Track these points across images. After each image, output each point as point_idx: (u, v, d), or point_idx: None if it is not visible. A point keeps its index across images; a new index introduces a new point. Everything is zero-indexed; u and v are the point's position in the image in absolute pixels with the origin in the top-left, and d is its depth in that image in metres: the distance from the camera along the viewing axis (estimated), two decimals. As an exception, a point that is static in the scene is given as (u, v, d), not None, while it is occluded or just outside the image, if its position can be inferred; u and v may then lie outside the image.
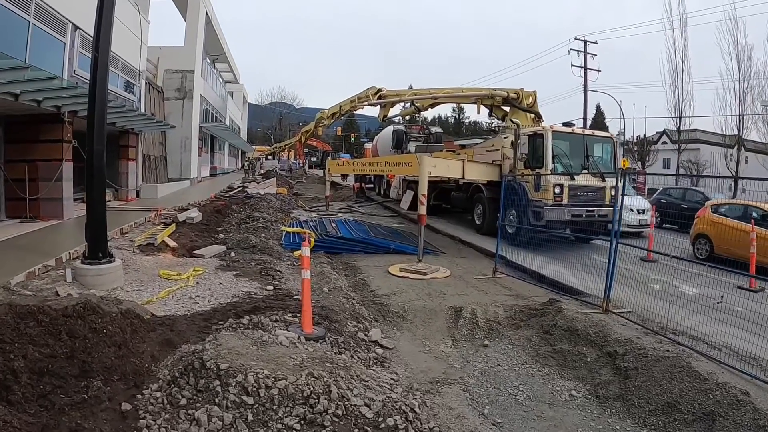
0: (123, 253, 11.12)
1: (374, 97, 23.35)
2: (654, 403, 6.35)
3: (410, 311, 9.48)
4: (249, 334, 5.96)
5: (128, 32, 22.04)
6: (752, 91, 42.67)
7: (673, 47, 47.23)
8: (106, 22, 8.96)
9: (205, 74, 38.38)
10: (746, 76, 42.77)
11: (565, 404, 6.76)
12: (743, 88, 42.63)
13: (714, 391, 6.07)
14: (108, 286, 8.84)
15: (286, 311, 7.77)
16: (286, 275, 10.97)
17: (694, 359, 6.83)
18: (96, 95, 9.00)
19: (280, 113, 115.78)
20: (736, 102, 42.90)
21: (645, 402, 6.43)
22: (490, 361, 7.92)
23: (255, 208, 20.22)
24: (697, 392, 6.16)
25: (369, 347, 7.57)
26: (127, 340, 5.69)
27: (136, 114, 19.81)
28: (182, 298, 8.72)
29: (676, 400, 6.20)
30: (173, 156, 32.39)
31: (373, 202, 30.75)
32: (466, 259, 14.76)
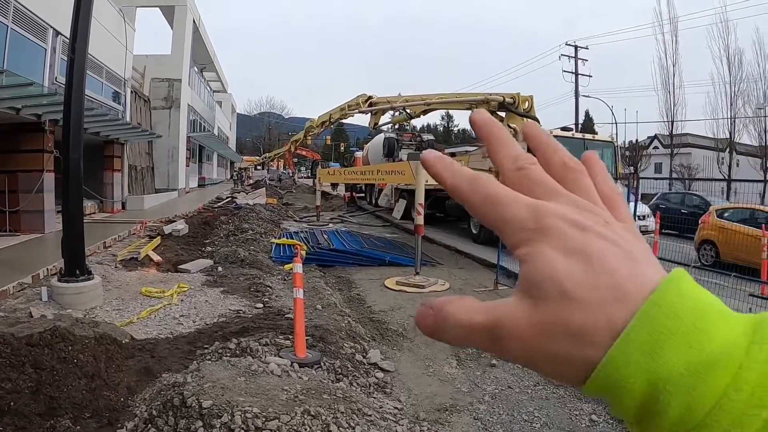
0: (105, 269, 10.55)
1: (365, 104, 22.89)
2: None
3: (410, 329, 8.85)
4: (236, 363, 5.33)
5: (113, 40, 21.58)
6: (743, 95, 42.77)
7: (664, 51, 47.29)
8: (83, 20, 8.38)
9: (192, 83, 37.95)
10: (737, 80, 42.90)
11: (586, 430, 6.23)
12: (734, 92, 42.75)
13: None
14: (86, 305, 8.26)
15: (277, 332, 7.17)
16: (276, 291, 10.38)
17: None
18: (72, 99, 8.40)
19: (269, 123, 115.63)
20: (727, 105, 43.07)
21: None
22: (500, 383, 7.34)
23: (244, 219, 19.71)
24: None
25: (368, 371, 6.96)
26: (100, 370, 5.12)
27: (121, 123, 19.33)
28: (165, 318, 8.15)
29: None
30: (160, 166, 31.87)
31: (364, 212, 30.36)
32: (464, 270, 14.24)
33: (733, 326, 0.42)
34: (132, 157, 25.65)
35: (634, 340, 0.42)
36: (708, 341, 0.41)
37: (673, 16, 47.83)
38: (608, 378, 0.43)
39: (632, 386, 0.42)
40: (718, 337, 0.41)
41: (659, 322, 0.42)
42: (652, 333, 0.42)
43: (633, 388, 0.42)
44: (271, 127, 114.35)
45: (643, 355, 0.42)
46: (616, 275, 0.45)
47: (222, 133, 62.23)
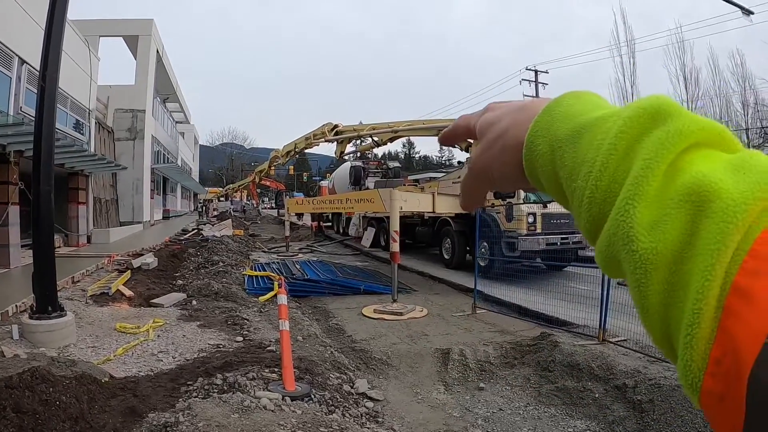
0: (75, 305, 10.21)
1: (330, 133, 22.86)
2: None
3: (394, 356, 8.79)
4: (227, 399, 5.14)
5: (78, 69, 21.24)
6: (701, 111, 43.72)
7: (622, 73, 47.97)
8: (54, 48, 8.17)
9: (156, 114, 37.59)
10: (694, 97, 43.83)
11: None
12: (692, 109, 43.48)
13: None
14: (59, 343, 7.93)
15: (261, 366, 6.97)
16: (254, 323, 10.14)
17: None
18: (43, 129, 8.09)
19: (231, 154, 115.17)
20: (687, 123, 43.99)
21: None
22: (491, 406, 7.30)
23: (213, 251, 19.43)
24: None
25: (357, 401, 6.82)
26: (84, 412, 4.89)
27: (86, 154, 18.84)
28: (143, 354, 7.86)
29: (700, 431, 5.77)
30: (125, 199, 31.27)
31: (332, 241, 30.31)
32: (439, 295, 14.21)
33: (606, 109, 0.60)
34: (96, 190, 25.15)
35: (539, 122, 0.64)
36: (584, 117, 0.59)
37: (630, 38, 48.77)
38: (529, 147, 0.64)
39: (541, 149, 0.62)
40: (590, 115, 0.59)
41: (554, 111, 0.63)
42: (549, 116, 0.63)
43: (542, 150, 0.62)
44: (234, 157, 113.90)
45: (544, 130, 0.62)
46: (522, 104, 0.72)
47: (186, 164, 61.65)
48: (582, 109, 0.61)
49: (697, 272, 0.43)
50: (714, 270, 0.42)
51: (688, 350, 0.43)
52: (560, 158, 0.59)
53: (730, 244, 0.43)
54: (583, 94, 0.64)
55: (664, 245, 0.46)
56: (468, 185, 0.80)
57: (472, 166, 0.76)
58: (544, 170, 0.62)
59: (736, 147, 0.52)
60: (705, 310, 0.42)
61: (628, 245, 0.48)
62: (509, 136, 0.68)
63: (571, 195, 0.58)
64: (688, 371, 0.44)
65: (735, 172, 0.46)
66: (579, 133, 0.58)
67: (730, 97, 42.40)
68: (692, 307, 0.43)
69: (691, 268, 0.44)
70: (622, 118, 0.53)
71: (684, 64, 44.87)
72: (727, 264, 0.43)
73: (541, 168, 0.63)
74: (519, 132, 0.66)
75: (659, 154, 0.49)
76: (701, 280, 0.43)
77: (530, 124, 0.64)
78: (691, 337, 0.43)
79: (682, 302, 0.44)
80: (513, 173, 0.69)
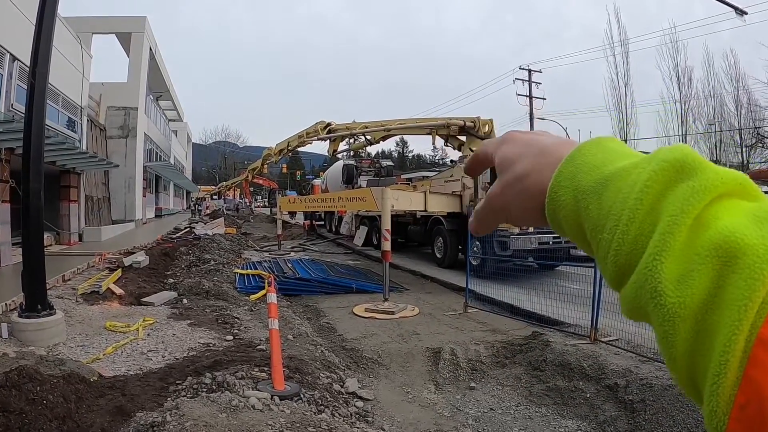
0: (65, 303, 10.14)
1: (323, 131, 22.84)
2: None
3: (385, 355, 8.76)
4: (216, 399, 5.11)
5: (70, 66, 21.11)
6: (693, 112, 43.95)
7: (615, 72, 48.35)
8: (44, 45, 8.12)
9: (149, 112, 37.50)
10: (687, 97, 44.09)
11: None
12: (685, 109, 43.89)
13: None
14: (49, 341, 7.88)
15: (251, 365, 6.94)
16: (244, 322, 10.13)
17: None
18: (32, 126, 8.03)
19: (224, 152, 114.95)
20: (679, 123, 44.25)
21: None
22: (482, 406, 7.29)
23: (204, 249, 19.41)
24: None
25: (347, 400, 6.81)
26: (71, 411, 4.85)
27: (78, 152, 18.72)
28: (133, 353, 7.81)
29: (692, 430, 5.78)
30: (117, 197, 31.16)
31: (325, 240, 30.21)
32: (431, 294, 14.17)
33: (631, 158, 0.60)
34: (88, 188, 25.01)
35: (563, 172, 0.63)
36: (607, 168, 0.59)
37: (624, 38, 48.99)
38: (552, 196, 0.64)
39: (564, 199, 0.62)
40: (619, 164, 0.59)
41: (577, 160, 0.63)
42: (573, 166, 0.63)
43: (566, 200, 0.62)
44: (227, 156, 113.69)
45: (567, 180, 0.62)
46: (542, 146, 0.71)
47: (178, 162, 61.46)
48: (605, 159, 0.61)
49: (724, 324, 0.45)
50: (741, 323, 0.44)
51: (714, 396, 0.45)
52: (585, 209, 0.60)
53: (756, 299, 0.44)
54: (605, 141, 0.65)
55: (691, 299, 0.47)
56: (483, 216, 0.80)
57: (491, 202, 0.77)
58: (567, 219, 0.63)
59: (757, 195, 0.53)
60: (731, 360, 0.44)
61: (656, 299, 0.49)
62: (531, 182, 0.69)
63: (596, 245, 0.59)
64: (714, 416, 0.45)
65: (759, 224, 0.47)
66: (603, 185, 0.58)
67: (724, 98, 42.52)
68: (719, 358, 0.45)
69: (717, 320, 0.46)
70: (648, 171, 0.54)
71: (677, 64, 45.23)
72: (753, 317, 0.44)
73: (564, 217, 0.64)
74: (541, 178, 0.67)
75: (685, 210, 0.50)
76: (728, 333, 0.44)
77: (553, 172, 0.65)
78: (717, 385, 0.45)
79: (709, 351, 0.46)
80: (532, 216, 0.71)
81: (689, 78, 44.49)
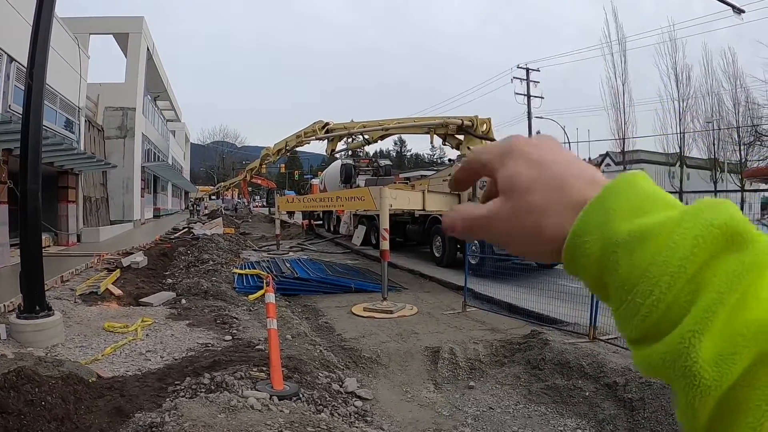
0: (63, 304, 10.14)
1: (321, 131, 22.82)
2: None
3: (384, 355, 8.75)
4: (214, 399, 5.11)
5: (67, 67, 21.12)
6: (691, 110, 44.04)
7: (613, 71, 48.43)
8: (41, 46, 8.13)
9: (146, 112, 37.44)
10: (685, 95, 44.17)
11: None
12: (683, 107, 44.03)
13: None
14: (47, 343, 7.88)
15: (250, 365, 6.95)
16: (243, 322, 10.14)
17: None
18: (30, 127, 8.04)
19: (222, 152, 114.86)
20: (677, 121, 44.30)
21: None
22: (481, 405, 7.29)
23: (203, 249, 19.38)
24: None
25: (346, 400, 6.81)
26: (70, 413, 4.85)
27: (76, 153, 18.71)
28: (131, 354, 7.82)
29: None
30: (115, 197, 31.09)
31: (323, 239, 30.22)
32: (430, 293, 14.19)
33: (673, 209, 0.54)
34: (86, 188, 24.97)
35: (591, 217, 0.57)
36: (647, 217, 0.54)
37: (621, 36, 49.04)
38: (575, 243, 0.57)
39: (591, 250, 0.56)
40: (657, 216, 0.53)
41: (608, 205, 0.56)
42: (603, 211, 0.56)
43: (591, 251, 0.56)
44: (225, 156, 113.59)
45: (596, 228, 0.56)
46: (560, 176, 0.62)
47: (176, 162, 61.40)
48: (640, 205, 0.55)
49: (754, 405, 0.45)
50: None
51: None
52: (613, 263, 0.54)
53: None
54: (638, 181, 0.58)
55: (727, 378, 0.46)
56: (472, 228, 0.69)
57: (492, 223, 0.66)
58: (588, 269, 0.57)
59: None
60: None
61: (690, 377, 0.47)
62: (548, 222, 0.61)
63: (618, 303, 0.54)
64: None
65: None
66: (639, 240, 0.52)
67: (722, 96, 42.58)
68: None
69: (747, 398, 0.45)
70: (693, 235, 0.49)
71: (675, 63, 45.23)
72: None
73: (584, 266, 0.57)
74: (560, 220, 0.60)
75: (733, 288, 0.47)
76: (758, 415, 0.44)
77: (575, 214, 0.58)
78: None
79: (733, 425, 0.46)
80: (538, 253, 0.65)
81: (688, 76, 44.65)
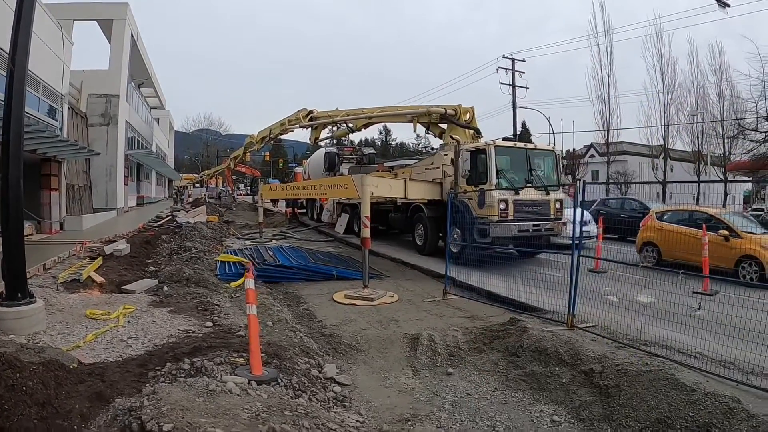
0: (46, 292, 10.18)
1: (305, 119, 22.86)
2: (643, 420, 6.01)
3: (363, 341, 8.83)
4: (193, 383, 5.17)
5: (50, 53, 20.85)
6: (676, 102, 44.38)
7: (599, 62, 48.95)
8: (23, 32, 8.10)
9: (130, 99, 37.13)
10: (671, 88, 44.50)
11: (548, 431, 6.34)
12: (667, 100, 44.33)
13: (704, 401, 5.80)
14: (29, 330, 7.89)
15: (230, 351, 7.02)
16: (224, 309, 10.23)
17: (676, 370, 6.56)
18: (12, 114, 8.03)
19: (206, 140, 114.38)
20: (661, 113, 44.69)
21: (633, 420, 6.08)
22: (458, 391, 7.38)
23: (186, 237, 19.33)
24: (687, 405, 5.86)
25: (325, 385, 6.88)
26: (51, 397, 4.90)
27: (59, 140, 18.49)
28: (113, 340, 7.84)
29: (666, 415, 5.88)
30: (98, 185, 30.94)
31: (306, 227, 30.25)
32: (411, 281, 14.29)
33: None
34: (69, 176, 24.77)
35: None
36: None
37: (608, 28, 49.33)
38: None
39: None
40: None
41: None
42: None
43: None
44: (209, 144, 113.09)
45: None
46: None
47: (160, 150, 61.03)
48: None
49: None
50: None
51: None
52: None
53: None
54: None
55: None
56: None
57: None
58: None
59: None
60: None
61: None
62: None
63: None
64: None
65: None
66: None
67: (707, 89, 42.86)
68: None
69: None
70: None
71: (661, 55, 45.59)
72: None
73: None
74: None
75: None
76: None
77: None
78: None
79: None
80: None
81: (673, 69, 45.05)
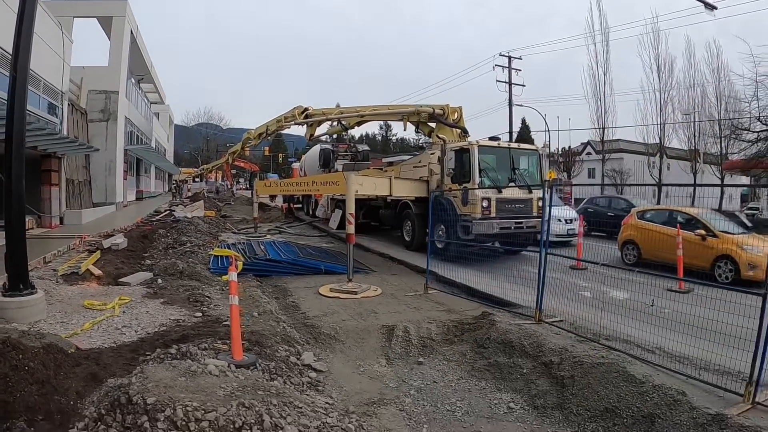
0: (46, 284, 10.67)
1: (300, 116, 23.21)
2: (593, 409, 6.47)
3: (342, 332, 9.37)
4: (177, 365, 5.74)
5: (50, 51, 21.22)
6: (672, 101, 44.53)
7: (596, 61, 49.22)
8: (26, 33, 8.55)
9: (130, 95, 37.38)
10: (667, 87, 44.68)
11: (504, 417, 6.81)
12: (664, 98, 44.48)
13: (651, 393, 6.23)
14: (30, 319, 8.39)
15: (215, 338, 7.58)
16: (214, 300, 10.73)
17: (629, 363, 7.00)
18: (14, 113, 8.60)
19: (206, 134, 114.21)
20: (657, 112, 44.81)
21: (583, 409, 6.54)
22: (426, 379, 7.89)
23: (182, 232, 19.82)
24: (635, 396, 6.31)
25: (302, 371, 7.43)
26: (50, 377, 5.47)
27: (59, 136, 18.91)
28: (108, 329, 8.36)
29: (614, 405, 6.34)
30: (98, 180, 31.25)
31: (301, 223, 30.68)
32: (397, 276, 14.79)
33: None
34: (69, 171, 25.11)
35: None
36: None
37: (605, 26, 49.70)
38: None
39: None
40: None
41: None
42: None
43: None
44: (209, 138, 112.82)
45: None
46: None
47: (160, 145, 61.12)
48: None
49: None
50: None
51: None
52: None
53: None
54: None
55: None
56: None
57: None
58: None
59: None
60: None
61: None
62: None
63: None
64: None
65: None
66: None
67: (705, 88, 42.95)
68: None
69: None
70: None
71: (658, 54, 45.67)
72: None
73: None
74: None
75: None
76: None
77: None
78: None
79: None
80: None
81: (670, 68, 45.25)
